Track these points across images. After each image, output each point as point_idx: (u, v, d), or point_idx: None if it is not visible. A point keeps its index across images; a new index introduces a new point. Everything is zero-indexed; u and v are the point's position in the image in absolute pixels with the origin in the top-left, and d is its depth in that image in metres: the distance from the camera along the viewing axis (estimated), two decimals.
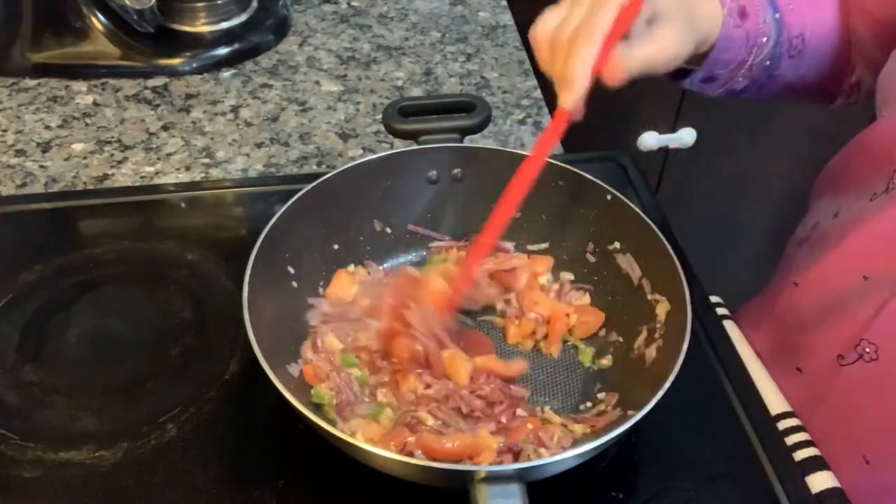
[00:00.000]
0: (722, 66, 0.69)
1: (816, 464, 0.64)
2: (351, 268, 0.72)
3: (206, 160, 0.89)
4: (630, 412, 0.54)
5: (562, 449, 0.59)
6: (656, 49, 0.60)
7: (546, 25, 0.60)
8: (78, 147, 0.91)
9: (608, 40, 0.56)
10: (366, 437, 0.58)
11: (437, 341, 0.63)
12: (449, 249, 0.75)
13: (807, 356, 0.70)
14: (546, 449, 0.59)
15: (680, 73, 0.71)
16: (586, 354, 0.68)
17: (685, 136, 1.52)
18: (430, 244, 0.76)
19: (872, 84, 0.71)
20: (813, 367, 0.69)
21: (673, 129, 1.52)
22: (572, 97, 0.57)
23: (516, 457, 0.58)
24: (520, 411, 0.62)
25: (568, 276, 0.73)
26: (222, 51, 1.04)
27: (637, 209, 0.68)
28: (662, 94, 1.48)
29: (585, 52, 0.56)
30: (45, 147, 0.90)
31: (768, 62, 0.70)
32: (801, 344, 0.71)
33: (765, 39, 0.68)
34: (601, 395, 0.65)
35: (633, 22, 0.58)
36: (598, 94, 0.59)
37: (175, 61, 1.02)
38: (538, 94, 1.01)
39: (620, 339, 0.68)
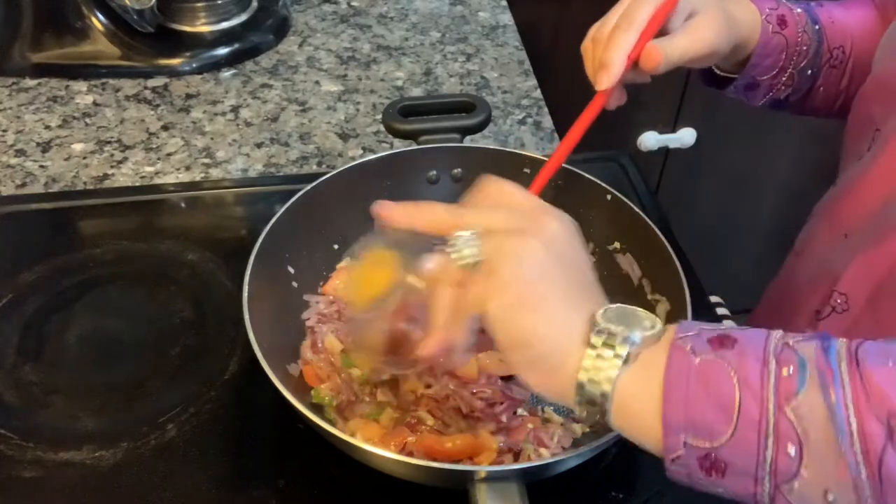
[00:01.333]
0: (762, 72, 0.70)
1: None
2: (346, 261, 0.72)
3: (206, 160, 0.89)
4: None
5: (562, 449, 0.59)
6: (692, 40, 0.61)
7: (591, 31, 0.63)
8: (78, 147, 0.91)
9: (645, 31, 0.59)
10: (366, 436, 0.58)
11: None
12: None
13: (790, 318, 0.72)
14: (546, 449, 0.59)
15: (724, 82, 0.72)
16: None
17: (685, 136, 1.52)
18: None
19: None
20: (794, 326, 0.71)
21: (673, 129, 1.52)
22: (608, 77, 0.59)
23: (516, 457, 0.58)
24: (520, 411, 0.62)
25: None
26: (222, 51, 1.04)
27: (637, 209, 0.68)
28: (662, 94, 1.48)
29: (622, 39, 0.59)
30: (45, 147, 0.90)
31: (810, 71, 0.71)
32: (787, 307, 0.73)
33: (805, 48, 0.70)
34: None
35: (670, 14, 0.61)
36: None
37: (175, 61, 1.02)
38: (538, 94, 1.01)
39: None
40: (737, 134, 1.55)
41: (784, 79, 0.71)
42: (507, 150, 0.74)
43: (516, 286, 0.43)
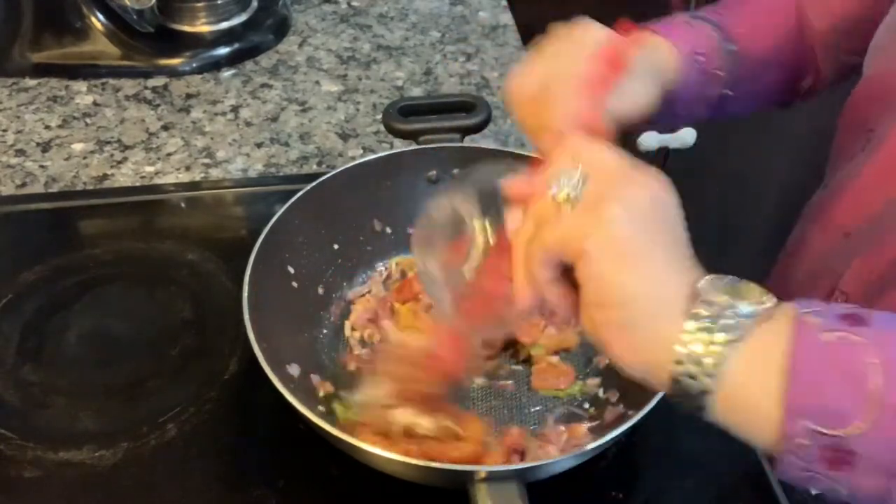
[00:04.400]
0: (682, 106, 0.68)
1: None
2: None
3: (206, 160, 0.89)
4: (630, 412, 0.54)
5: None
6: (630, 106, 0.59)
7: (523, 81, 0.57)
8: (78, 147, 0.91)
9: (594, 90, 0.55)
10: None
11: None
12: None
13: None
14: (552, 445, 0.59)
15: None
16: None
17: (685, 136, 1.51)
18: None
19: (835, 79, 0.74)
20: None
21: (673, 129, 1.52)
22: (547, 142, 0.54)
23: (522, 456, 0.58)
24: None
25: None
26: (222, 51, 1.04)
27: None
28: None
29: (563, 100, 0.54)
30: (45, 147, 0.90)
31: (729, 91, 0.70)
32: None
33: (722, 73, 0.68)
34: (602, 395, 0.65)
35: (615, 79, 0.56)
36: None
37: (175, 61, 1.02)
38: None
39: None
40: (737, 134, 1.55)
41: (701, 104, 0.69)
42: (507, 150, 0.74)
43: (619, 228, 0.39)
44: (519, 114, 0.58)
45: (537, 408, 0.64)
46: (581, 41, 0.56)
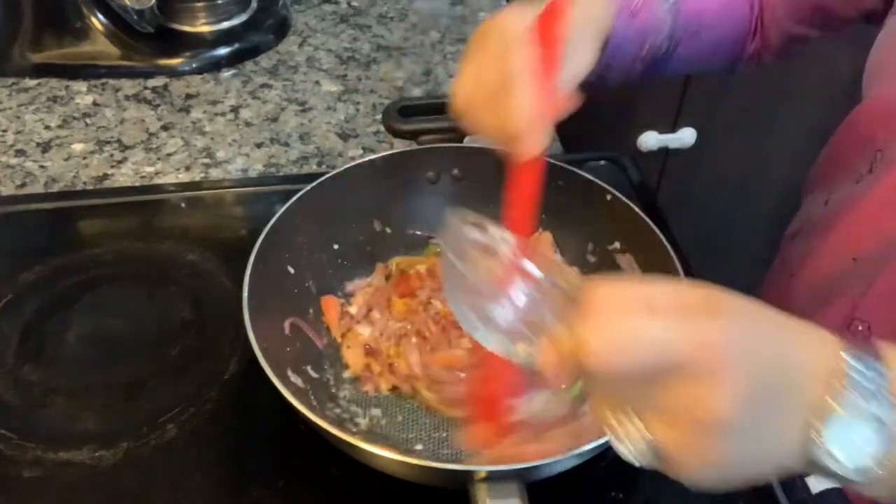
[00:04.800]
0: (617, 61, 0.67)
1: None
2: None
3: (206, 160, 0.89)
4: None
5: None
6: (578, 67, 0.57)
7: (468, 89, 0.56)
8: (78, 147, 0.91)
9: (542, 74, 0.53)
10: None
11: None
12: None
13: None
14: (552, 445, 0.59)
15: None
16: None
17: (685, 136, 1.51)
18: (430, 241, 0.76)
19: (781, 48, 0.74)
20: None
21: (673, 129, 1.52)
22: (524, 145, 0.53)
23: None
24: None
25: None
26: (222, 51, 1.04)
27: (637, 209, 0.68)
28: (662, 94, 1.48)
29: (518, 96, 0.52)
30: (45, 147, 0.90)
31: (665, 46, 0.69)
32: None
33: (660, 28, 0.68)
34: None
35: (558, 54, 0.54)
36: (598, 94, 0.59)
37: (175, 61, 1.02)
38: None
39: None
40: (737, 134, 1.55)
41: (637, 62, 0.69)
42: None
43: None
44: (475, 122, 0.56)
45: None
46: (508, 29, 0.54)
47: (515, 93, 0.52)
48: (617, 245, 0.70)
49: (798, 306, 0.71)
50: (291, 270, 0.67)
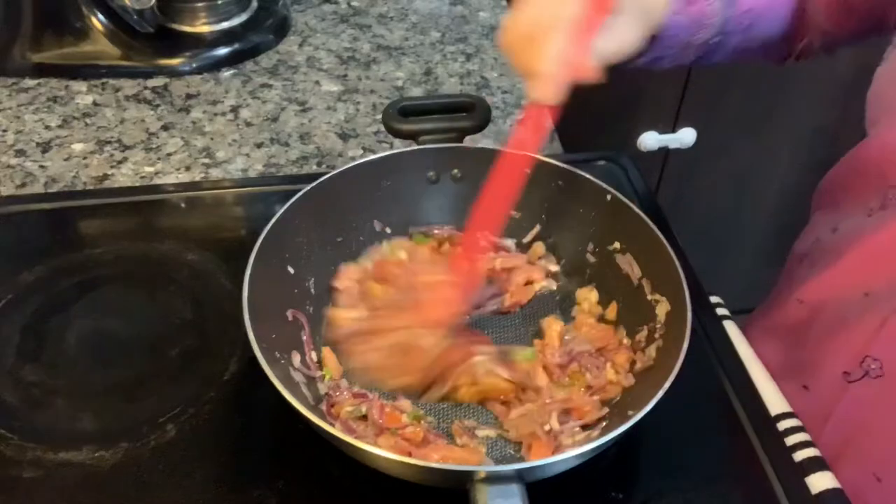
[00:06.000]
0: (669, 49, 0.68)
1: (816, 464, 0.64)
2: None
3: (206, 160, 0.89)
4: (630, 412, 0.54)
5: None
6: (616, 44, 0.59)
7: (514, 23, 0.59)
8: (78, 147, 0.91)
9: (581, 32, 0.56)
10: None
11: None
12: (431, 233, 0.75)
13: (813, 374, 0.70)
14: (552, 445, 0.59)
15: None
16: None
17: (685, 136, 1.52)
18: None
19: (821, 48, 0.74)
20: (819, 384, 0.69)
21: (673, 129, 1.52)
22: (540, 87, 0.56)
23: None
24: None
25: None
26: (222, 51, 1.04)
27: (637, 209, 0.68)
28: (662, 94, 1.48)
29: (552, 42, 0.56)
30: (45, 147, 0.90)
31: (718, 38, 0.69)
32: (806, 361, 0.71)
33: (712, 20, 0.68)
34: None
35: (602, 21, 0.57)
36: (598, 94, 0.59)
37: (175, 61, 1.02)
38: None
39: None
40: (737, 134, 1.55)
41: (690, 50, 0.69)
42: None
43: None
44: (510, 57, 0.59)
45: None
46: None
47: (551, 36, 0.55)
48: (617, 245, 0.70)
49: (808, 334, 0.70)
50: (291, 270, 0.67)
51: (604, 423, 0.61)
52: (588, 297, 0.71)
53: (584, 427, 0.61)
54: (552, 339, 0.67)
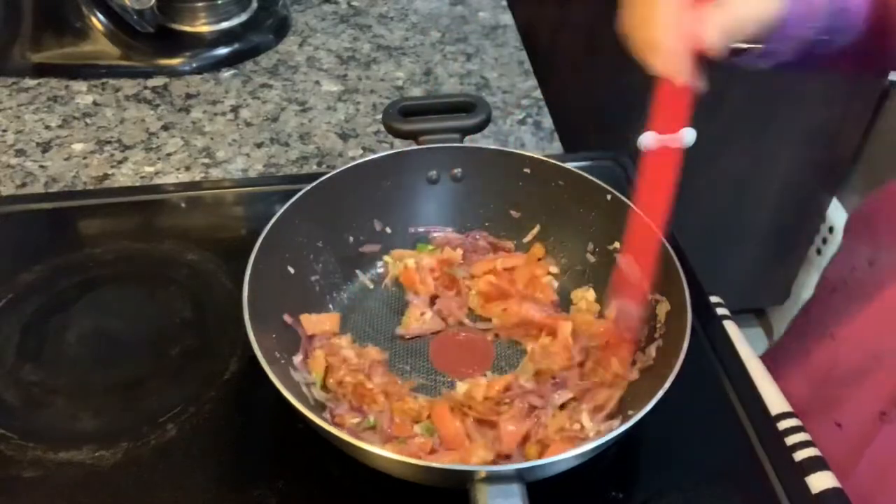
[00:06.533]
0: (785, 42, 0.64)
1: (816, 464, 0.64)
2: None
3: (206, 160, 0.89)
4: (630, 412, 0.54)
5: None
6: (752, 10, 0.57)
7: (630, 10, 0.58)
8: (78, 147, 0.91)
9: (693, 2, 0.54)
10: None
11: None
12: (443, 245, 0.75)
13: (846, 411, 0.69)
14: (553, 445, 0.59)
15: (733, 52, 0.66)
16: None
17: (685, 136, 1.51)
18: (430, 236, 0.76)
19: None
20: (853, 422, 0.68)
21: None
22: (661, 61, 0.55)
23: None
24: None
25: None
26: (222, 51, 1.04)
27: (637, 209, 0.68)
28: None
29: (662, 10, 0.55)
30: (45, 147, 0.90)
31: (826, 37, 0.65)
32: (839, 398, 0.70)
33: (816, 13, 0.63)
34: None
35: None
36: (598, 93, 0.59)
37: (175, 61, 1.02)
38: (538, 94, 1.01)
39: None
40: (737, 134, 1.55)
41: (799, 46, 0.65)
42: (507, 150, 0.74)
43: None
44: (633, 40, 0.57)
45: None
46: None
47: (665, 11, 0.54)
48: (617, 245, 0.70)
49: (843, 370, 0.69)
50: (291, 270, 0.67)
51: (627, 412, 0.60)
52: (584, 296, 0.71)
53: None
54: (583, 310, 0.69)
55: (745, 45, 0.65)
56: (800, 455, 0.65)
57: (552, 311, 0.70)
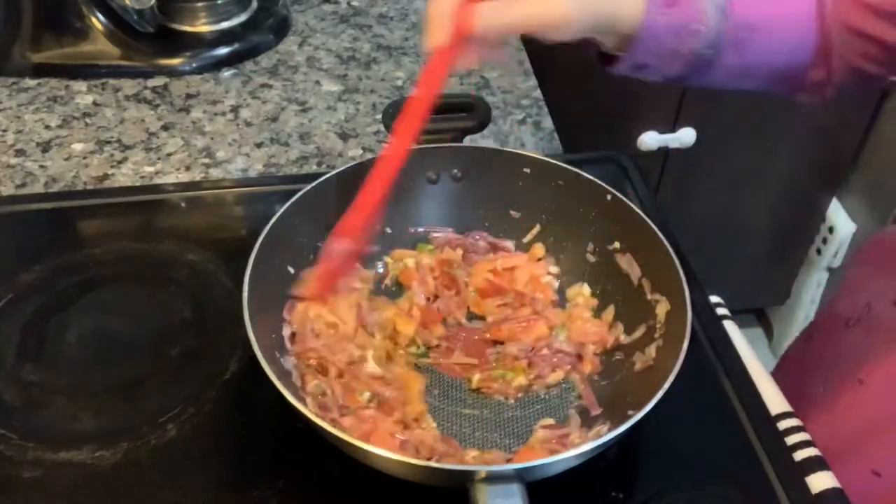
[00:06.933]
0: (650, 55, 0.62)
1: (816, 464, 0.64)
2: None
3: (206, 160, 0.89)
4: (630, 412, 0.54)
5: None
6: (538, 12, 0.56)
7: None
8: (78, 147, 0.91)
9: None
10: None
11: None
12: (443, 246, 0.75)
13: (886, 460, 0.68)
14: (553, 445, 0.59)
15: (610, 60, 0.65)
16: None
17: (685, 136, 1.51)
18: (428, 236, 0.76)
19: (842, 86, 0.66)
20: (893, 470, 0.67)
21: (673, 129, 1.52)
22: (432, 37, 0.57)
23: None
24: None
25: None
26: (222, 51, 1.04)
27: (637, 209, 0.68)
28: (662, 94, 1.48)
29: None
30: (45, 147, 0.90)
31: (710, 50, 0.62)
32: (876, 446, 0.68)
33: (700, 28, 0.61)
34: None
35: None
36: (598, 93, 0.59)
37: (175, 61, 1.02)
38: (538, 94, 1.01)
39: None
40: (737, 134, 1.55)
41: (675, 60, 0.62)
42: (507, 150, 0.74)
43: None
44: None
45: (537, 406, 0.65)
46: None
47: None
48: (617, 245, 0.70)
49: (877, 418, 0.69)
50: (291, 270, 0.67)
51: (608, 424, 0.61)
52: (580, 291, 0.71)
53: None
54: (580, 305, 0.69)
55: (612, 53, 0.64)
56: (800, 455, 0.65)
57: (551, 310, 0.70)
